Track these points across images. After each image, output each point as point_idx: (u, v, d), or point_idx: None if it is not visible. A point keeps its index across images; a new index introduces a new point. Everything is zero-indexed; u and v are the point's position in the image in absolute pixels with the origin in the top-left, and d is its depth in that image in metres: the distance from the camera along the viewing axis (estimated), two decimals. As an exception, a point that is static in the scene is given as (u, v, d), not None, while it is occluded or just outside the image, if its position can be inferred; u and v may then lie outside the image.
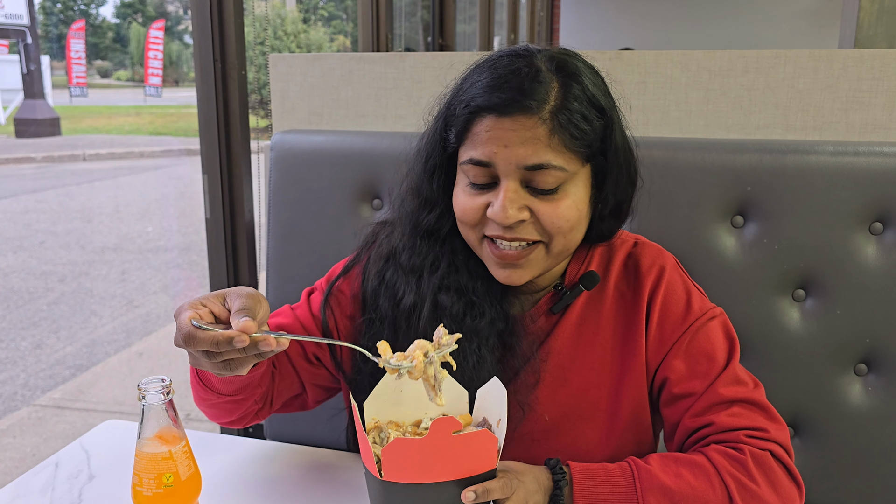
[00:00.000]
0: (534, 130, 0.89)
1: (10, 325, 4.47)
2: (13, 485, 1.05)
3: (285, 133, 1.54)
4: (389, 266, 1.05)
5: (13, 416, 3.38)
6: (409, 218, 1.05)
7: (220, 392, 0.97)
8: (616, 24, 8.96)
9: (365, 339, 1.05)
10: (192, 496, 0.89)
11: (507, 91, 0.90)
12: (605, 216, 1.00)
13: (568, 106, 0.90)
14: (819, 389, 1.29)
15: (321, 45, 15.15)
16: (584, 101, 0.91)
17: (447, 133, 0.97)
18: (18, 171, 10.18)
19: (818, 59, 1.40)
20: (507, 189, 0.91)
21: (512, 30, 7.16)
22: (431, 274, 1.01)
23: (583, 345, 1.03)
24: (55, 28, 17.90)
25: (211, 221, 1.90)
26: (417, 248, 1.03)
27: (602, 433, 1.02)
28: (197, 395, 1.02)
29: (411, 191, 1.05)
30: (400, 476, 0.78)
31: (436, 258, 1.02)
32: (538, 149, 0.89)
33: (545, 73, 0.91)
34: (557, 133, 0.89)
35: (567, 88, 0.91)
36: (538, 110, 0.89)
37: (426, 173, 1.02)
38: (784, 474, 0.93)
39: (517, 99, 0.89)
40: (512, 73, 0.91)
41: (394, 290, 1.03)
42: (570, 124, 0.90)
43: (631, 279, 1.04)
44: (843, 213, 1.25)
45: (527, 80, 0.90)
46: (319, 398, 1.14)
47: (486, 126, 0.91)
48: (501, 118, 0.90)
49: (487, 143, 0.91)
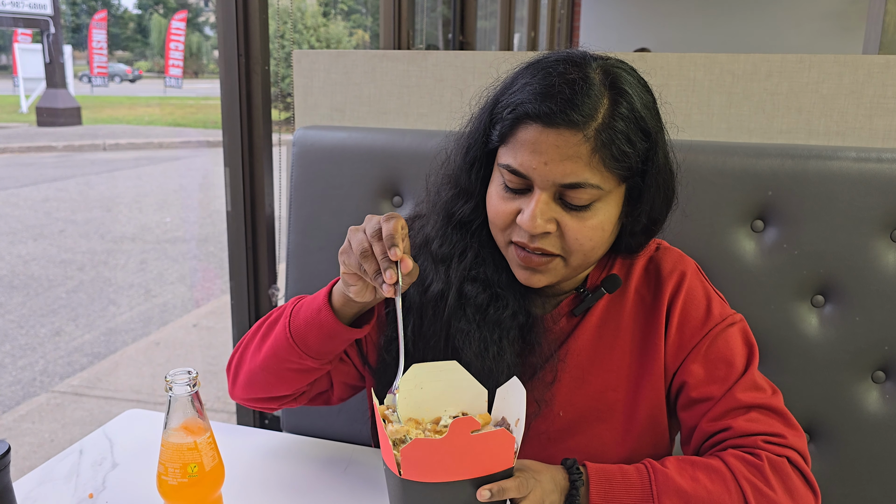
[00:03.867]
0: (577, 148, 0.88)
1: (30, 311, 4.53)
2: (38, 470, 1.08)
3: (307, 129, 1.55)
4: (421, 255, 1.06)
5: (32, 401, 3.43)
6: (443, 207, 1.05)
7: (313, 353, 1.01)
8: (637, 24, 8.92)
9: (390, 328, 1.07)
10: (216, 486, 0.90)
11: (557, 102, 0.88)
12: (636, 232, 1.00)
13: (614, 125, 0.89)
14: (836, 396, 1.29)
15: (340, 39, 15.16)
16: (631, 122, 0.90)
17: (491, 130, 0.97)
18: (39, 160, 10.28)
19: (843, 64, 1.40)
20: (539, 200, 0.91)
21: (532, 27, 7.14)
22: (460, 262, 1.03)
23: (602, 347, 1.04)
24: (77, 18, 18.04)
25: (232, 214, 1.92)
26: (449, 237, 1.04)
27: (619, 435, 1.03)
28: (273, 356, 1.04)
29: (449, 180, 1.05)
30: (419, 474, 0.79)
31: (465, 248, 1.03)
32: (578, 167, 0.89)
33: (597, 87, 0.90)
34: (599, 151, 0.88)
35: (616, 106, 0.90)
36: (584, 126, 0.88)
37: (466, 164, 1.02)
38: (801, 481, 0.93)
39: (565, 111, 0.88)
40: (565, 83, 0.89)
41: (422, 277, 1.04)
42: (613, 145, 0.89)
43: (652, 284, 1.04)
44: (864, 219, 1.25)
45: (578, 93, 0.88)
46: (344, 395, 1.16)
47: (530, 135, 0.90)
48: (547, 129, 0.89)
49: (529, 155, 0.90)
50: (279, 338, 1.03)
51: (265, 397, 1.10)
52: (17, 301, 4.69)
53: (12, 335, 4.17)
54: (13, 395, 3.48)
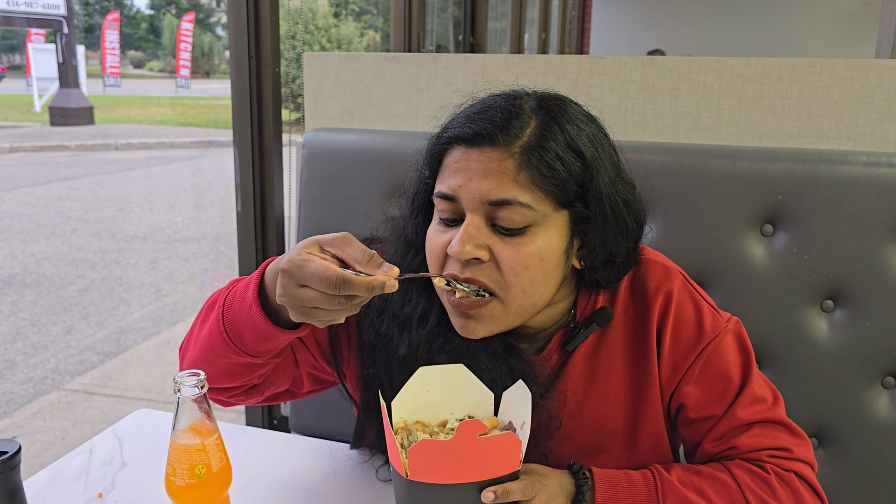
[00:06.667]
0: (500, 163, 0.86)
1: (42, 310, 4.56)
2: (48, 469, 1.08)
3: (317, 131, 1.56)
4: (383, 319, 1.00)
5: (44, 399, 3.46)
6: (397, 263, 0.96)
7: (250, 352, 0.93)
8: (648, 26, 8.90)
9: (367, 395, 1.02)
10: (223, 488, 0.91)
11: (480, 123, 0.88)
12: (598, 267, 0.94)
13: (542, 145, 0.87)
14: (846, 401, 1.28)
15: (351, 40, 15.21)
16: (562, 143, 0.87)
17: (424, 169, 0.96)
18: (52, 159, 10.36)
19: (854, 69, 1.39)
20: (469, 224, 0.87)
21: (543, 28, 7.13)
22: (421, 326, 0.97)
23: (597, 378, 1.00)
24: (90, 18, 18.17)
25: (242, 215, 1.93)
26: (407, 296, 0.99)
27: (621, 464, 0.99)
28: (210, 350, 0.96)
29: (399, 235, 1.02)
30: (425, 476, 0.79)
31: (425, 310, 0.98)
32: (503, 182, 0.86)
33: (526, 112, 0.89)
34: (525, 169, 0.86)
35: (545, 128, 0.88)
36: (507, 144, 0.86)
37: (411, 214, 0.99)
38: (809, 493, 0.92)
39: (488, 130, 0.87)
40: (491, 108, 0.89)
41: (387, 339, 0.99)
42: (542, 162, 0.86)
43: (638, 301, 0.99)
44: (875, 224, 1.24)
45: (502, 115, 0.88)
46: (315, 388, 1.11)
47: (454, 157, 0.89)
48: (470, 149, 0.88)
49: (453, 174, 0.88)
50: (214, 330, 0.94)
51: (210, 387, 1.01)
52: (29, 299, 4.72)
53: (24, 333, 4.20)
54: (25, 393, 3.51)
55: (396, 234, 1.03)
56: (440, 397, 0.92)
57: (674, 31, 8.66)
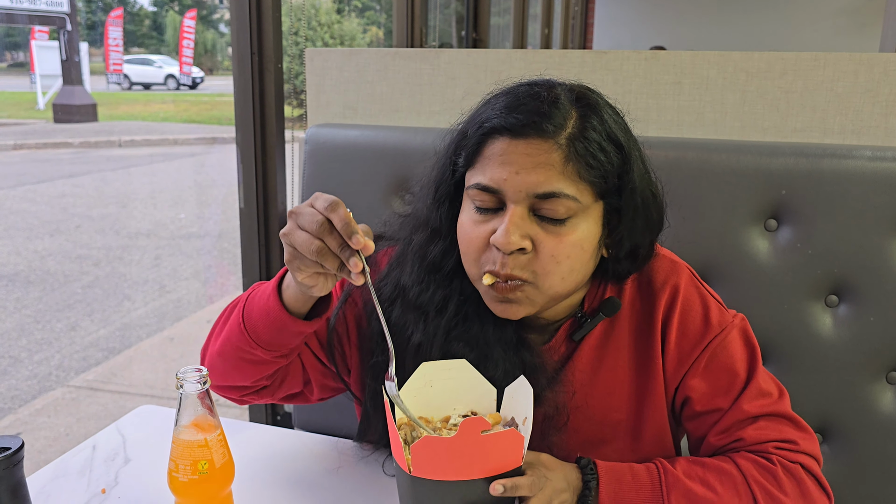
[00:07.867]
0: (548, 155, 0.86)
1: (46, 306, 4.57)
2: (52, 465, 1.09)
3: (320, 127, 1.55)
4: (395, 306, 1.00)
5: (48, 395, 3.47)
6: (417, 253, 1.00)
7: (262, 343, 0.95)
8: (651, 21, 8.88)
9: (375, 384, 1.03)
10: (226, 483, 0.91)
11: (524, 113, 0.87)
12: (621, 258, 0.96)
13: (586, 135, 0.87)
14: (850, 396, 1.28)
15: (354, 36, 15.20)
16: (603, 134, 0.88)
17: (457, 157, 0.94)
18: (56, 156, 10.38)
19: (858, 63, 1.38)
20: (514, 214, 0.87)
21: (546, 24, 7.13)
22: (439, 315, 0.97)
23: (603, 369, 1.00)
24: (93, 15, 18.18)
25: (245, 211, 1.94)
26: (427, 285, 0.99)
27: (624, 456, 0.99)
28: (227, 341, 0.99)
29: (420, 223, 1.01)
30: (429, 472, 0.79)
31: (444, 298, 0.98)
32: (551, 175, 0.86)
33: (564, 101, 0.89)
34: (573, 160, 0.86)
35: (585, 119, 0.88)
36: (555, 134, 0.86)
37: (434, 203, 0.98)
38: (814, 485, 0.92)
39: (534, 120, 0.86)
40: (530, 97, 0.89)
41: (401, 326, 0.99)
42: (588, 153, 0.86)
43: (644, 294, 1.00)
44: (879, 218, 1.24)
45: (545, 104, 0.87)
46: (325, 395, 1.12)
47: (498, 149, 0.88)
48: (516, 140, 0.87)
49: (498, 167, 0.87)
50: (234, 323, 0.98)
51: (223, 385, 1.05)
52: (33, 296, 4.74)
53: (29, 330, 4.21)
54: (29, 390, 3.52)
55: (415, 225, 1.03)
56: (443, 392, 0.92)
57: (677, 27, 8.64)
